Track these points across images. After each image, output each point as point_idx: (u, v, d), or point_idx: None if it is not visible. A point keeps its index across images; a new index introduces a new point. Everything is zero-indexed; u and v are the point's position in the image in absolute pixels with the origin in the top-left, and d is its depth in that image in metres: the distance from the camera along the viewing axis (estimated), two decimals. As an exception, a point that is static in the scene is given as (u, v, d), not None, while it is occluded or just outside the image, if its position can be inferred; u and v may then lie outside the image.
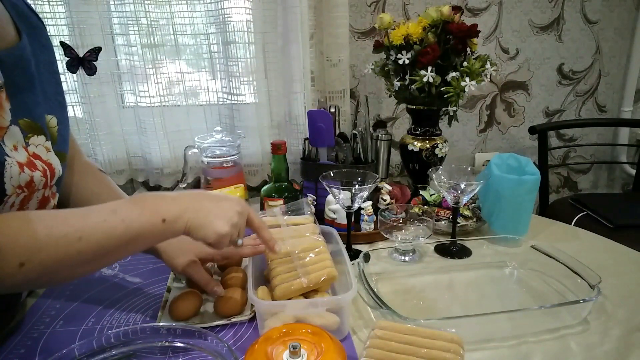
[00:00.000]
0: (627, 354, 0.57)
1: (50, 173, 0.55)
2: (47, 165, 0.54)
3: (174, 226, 0.52)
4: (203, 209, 0.55)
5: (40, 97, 0.56)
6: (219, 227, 0.54)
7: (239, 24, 1.10)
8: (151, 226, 0.51)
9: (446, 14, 0.93)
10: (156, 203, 0.53)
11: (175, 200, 0.54)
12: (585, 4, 1.41)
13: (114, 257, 0.52)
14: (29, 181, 0.51)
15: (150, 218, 0.51)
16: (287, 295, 0.61)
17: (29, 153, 0.52)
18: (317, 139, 1.00)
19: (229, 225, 0.54)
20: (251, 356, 0.49)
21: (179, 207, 0.53)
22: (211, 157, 0.99)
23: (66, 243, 0.46)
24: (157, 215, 0.51)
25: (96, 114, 1.11)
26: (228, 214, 0.55)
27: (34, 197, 0.53)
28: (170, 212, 0.52)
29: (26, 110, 0.53)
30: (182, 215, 0.53)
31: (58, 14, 1.04)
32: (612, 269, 0.78)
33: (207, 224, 0.53)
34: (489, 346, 0.59)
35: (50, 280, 0.51)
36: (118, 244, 0.49)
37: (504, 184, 0.85)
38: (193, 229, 0.53)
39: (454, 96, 0.95)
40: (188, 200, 0.55)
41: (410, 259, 0.84)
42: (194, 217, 0.53)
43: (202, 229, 0.53)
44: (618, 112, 1.57)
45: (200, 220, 0.53)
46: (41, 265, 0.45)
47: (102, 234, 0.48)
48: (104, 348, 0.55)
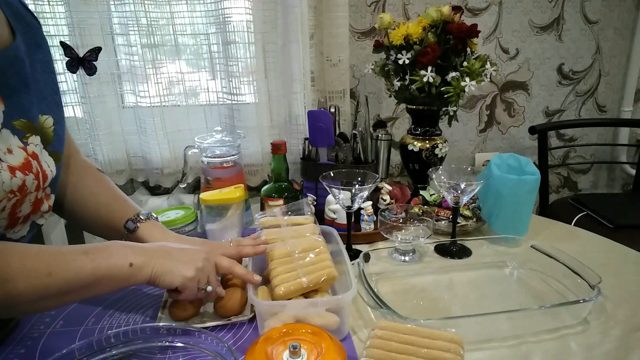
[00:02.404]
0: (627, 354, 0.57)
1: (42, 175, 0.54)
2: (40, 168, 0.54)
3: (140, 272, 0.55)
4: (168, 256, 0.58)
5: (35, 97, 0.56)
6: (184, 272, 0.57)
7: (239, 24, 1.10)
8: (118, 269, 0.54)
9: (446, 14, 0.93)
10: (125, 249, 0.56)
11: (144, 249, 0.58)
12: (585, 4, 1.41)
13: (76, 297, 0.54)
14: (21, 185, 0.50)
15: (118, 261, 0.54)
16: (287, 295, 0.61)
17: (27, 152, 0.52)
18: (317, 139, 1.00)
19: (193, 269, 0.58)
20: (251, 356, 0.49)
21: (146, 254, 0.57)
22: (211, 157, 0.99)
23: (35, 277, 0.48)
24: (125, 259, 0.55)
25: (96, 114, 1.11)
26: (193, 259, 0.59)
27: (27, 200, 0.53)
28: (137, 258, 0.55)
29: (22, 110, 0.52)
30: (148, 262, 0.56)
31: (58, 14, 1.04)
32: (612, 269, 0.78)
33: (173, 269, 0.57)
34: (489, 346, 0.59)
35: (9, 311, 0.53)
36: (84, 283, 0.51)
37: (504, 184, 0.85)
38: (159, 275, 0.56)
39: (454, 96, 0.95)
40: (155, 249, 0.59)
41: (410, 259, 0.84)
42: (160, 264, 0.57)
43: (168, 274, 0.57)
44: (618, 112, 1.57)
45: (165, 267, 0.57)
46: (6, 295, 0.46)
47: (71, 272, 0.50)
48: (104, 348, 0.55)
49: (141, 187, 1.27)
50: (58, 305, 0.56)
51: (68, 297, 0.52)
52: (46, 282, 0.48)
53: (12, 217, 0.52)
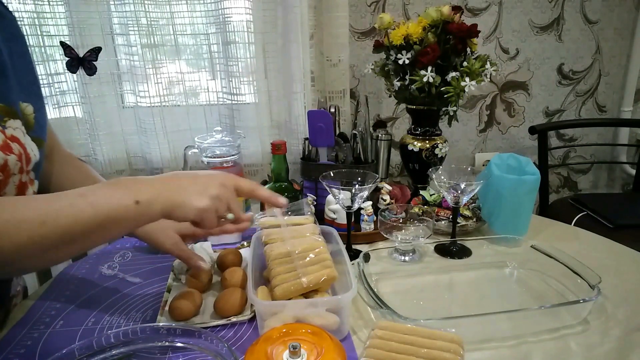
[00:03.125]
0: (627, 354, 0.57)
1: (25, 157, 0.54)
2: (22, 149, 0.54)
3: (149, 209, 0.49)
4: (179, 187, 0.52)
5: (14, 84, 0.56)
6: (197, 202, 0.51)
7: (239, 24, 1.10)
8: (123, 209, 0.48)
9: (446, 14, 0.93)
10: (129, 185, 0.50)
11: (150, 182, 0.52)
12: (585, 4, 1.41)
13: (85, 243, 0.49)
14: (3, 164, 0.50)
15: (122, 200, 0.48)
16: (287, 295, 0.61)
17: (6, 135, 0.52)
18: (317, 139, 1.00)
19: (207, 198, 0.52)
20: (251, 356, 0.49)
21: (154, 188, 0.51)
22: (211, 157, 0.99)
23: (28, 228, 0.44)
24: (129, 197, 0.48)
25: (96, 114, 1.11)
26: (206, 188, 0.53)
27: (11, 182, 0.53)
28: (143, 193, 0.49)
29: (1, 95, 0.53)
30: (157, 197, 0.50)
31: (58, 14, 1.04)
32: (612, 269, 0.78)
33: (185, 201, 0.51)
34: (489, 346, 0.59)
35: (12, 268, 0.49)
36: (86, 229, 0.46)
37: (504, 184, 0.85)
38: (170, 209, 0.51)
39: (454, 96, 0.95)
40: (163, 181, 0.53)
41: (410, 259, 0.84)
42: (170, 197, 0.51)
43: (180, 207, 0.51)
44: (618, 112, 1.57)
45: (176, 199, 0.51)
46: (2, 251, 0.43)
47: (68, 218, 0.45)
48: (104, 348, 0.54)
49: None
50: (68, 255, 0.50)
51: (74, 246, 0.48)
52: (42, 232, 0.44)
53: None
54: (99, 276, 0.79)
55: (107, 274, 0.79)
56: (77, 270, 0.81)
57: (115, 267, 0.82)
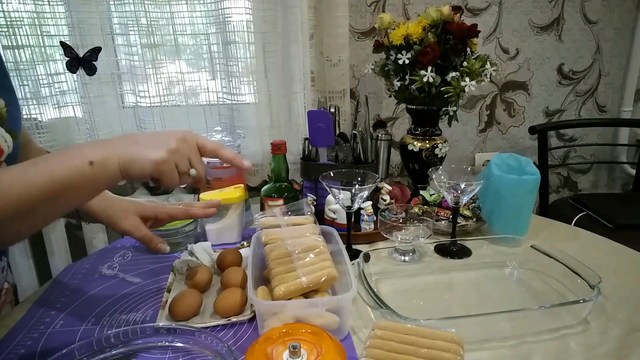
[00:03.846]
0: (627, 354, 0.57)
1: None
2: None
3: (105, 168, 0.47)
4: (135, 143, 0.50)
5: None
6: (153, 155, 0.49)
7: (239, 24, 1.10)
8: (78, 172, 0.46)
9: (446, 14, 0.93)
10: (82, 147, 0.48)
11: (104, 142, 0.50)
12: (585, 4, 1.41)
13: (47, 213, 0.48)
14: None
15: (74, 162, 0.46)
16: (287, 295, 0.60)
17: None
18: (317, 139, 1.00)
19: (164, 151, 0.50)
20: (251, 356, 0.49)
21: (108, 147, 0.49)
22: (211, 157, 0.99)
23: None
24: (83, 158, 0.47)
25: (96, 114, 1.11)
26: (164, 141, 0.51)
27: None
28: (97, 153, 0.47)
29: None
30: (111, 155, 0.48)
31: (58, 14, 1.04)
32: (612, 269, 0.78)
33: (139, 154, 0.49)
34: (489, 346, 0.59)
35: None
36: (43, 197, 0.45)
37: (504, 184, 0.85)
38: (127, 165, 0.48)
39: (454, 96, 0.95)
40: (117, 139, 0.51)
41: (410, 259, 0.84)
42: (125, 152, 0.49)
43: (137, 161, 0.49)
44: (618, 112, 1.57)
45: (132, 154, 0.49)
46: None
47: (21, 188, 0.44)
48: (104, 348, 0.54)
49: (141, 187, 1.27)
50: (32, 228, 0.49)
51: (36, 217, 0.46)
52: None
53: None
54: (99, 276, 0.79)
55: (107, 274, 0.79)
56: (77, 270, 0.81)
57: (115, 267, 0.82)
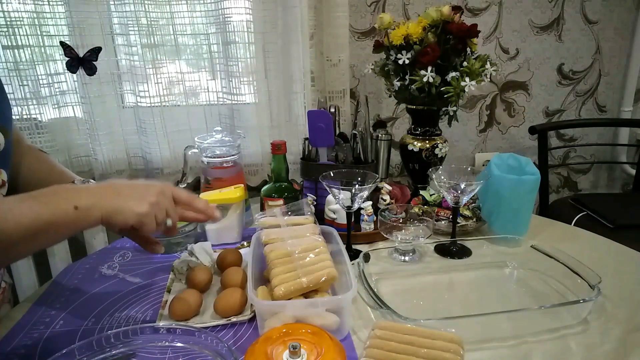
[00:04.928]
0: (627, 354, 0.57)
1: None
2: None
3: (88, 214, 0.51)
4: (118, 194, 0.54)
5: None
6: (136, 208, 0.53)
7: (239, 24, 1.10)
8: (62, 214, 0.49)
9: (446, 14, 0.93)
10: (68, 192, 0.52)
11: (89, 190, 0.53)
12: (585, 4, 1.41)
13: (26, 248, 0.50)
14: None
15: (61, 205, 0.49)
16: (287, 295, 0.60)
17: None
18: (317, 139, 1.00)
19: (147, 204, 0.54)
20: (251, 356, 0.49)
21: (93, 195, 0.52)
22: (211, 157, 0.99)
23: None
24: (68, 203, 0.50)
25: (96, 114, 1.11)
26: (145, 194, 0.55)
27: None
28: (83, 200, 0.51)
29: None
30: (96, 203, 0.51)
31: (58, 14, 1.04)
32: (612, 269, 0.78)
33: (124, 206, 0.52)
34: (489, 346, 0.59)
35: None
36: (28, 233, 0.47)
37: (504, 184, 0.85)
38: (110, 214, 0.52)
39: (454, 96, 0.95)
40: (102, 188, 0.55)
41: (410, 259, 0.84)
42: (110, 203, 0.52)
43: (120, 213, 0.52)
44: (618, 112, 1.57)
45: (115, 205, 0.52)
46: None
47: (9, 223, 0.46)
48: (104, 348, 0.54)
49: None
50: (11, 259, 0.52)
51: (17, 249, 0.49)
52: None
53: None
54: (99, 276, 0.79)
55: (107, 274, 0.79)
56: (77, 270, 0.81)
57: (115, 267, 0.82)
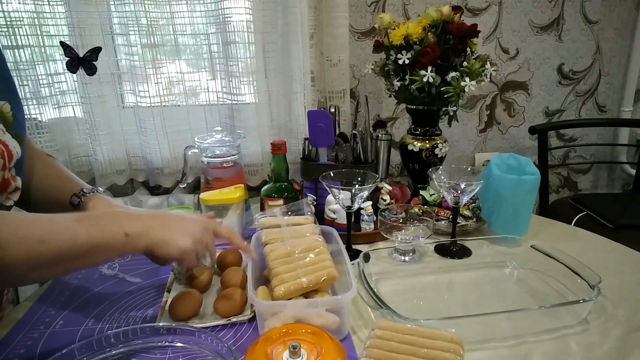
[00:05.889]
0: (627, 354, 0.57)
1: (7, 155, 0.55)
2: (4, 147, 0.55)
3: (136, 241, 0.54)
4: (166, 226, 0.57)
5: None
6: (181, 243, 0.56)
7: (239, 24, 1.10)
8: (113, 238, 0.53)
9: (446, 14, 0.93)
10: (121, 218, 0.55)
11: (140, 218, 0.57)
12: (585, 4, 1.41)
13: (73, 265, 0.53)
14: None
15: (113, 230, 0.53)
16: (287, 295, 0.61)
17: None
18: (317, 139, 1.00)
19: (191, 240, 0.57)
20: (251, 356, 0.49)
21: (143, 224, 0.56)
22: (211, 157, 0.99)
23: (28, 244, 0.47)
24: (120, 228, 0.53)
25: (96, 114, 1.11)
26: (191, 230, 0.58)
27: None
28: (133, 227, 0.54)
29: None
30: (145, 232, 0.55)
31: (58, 14, 1.04)
32: (612, 269, 0.78)
33: (170, 240, 0.56)
34: (489, 346, 0.59)
35: (8, 281, 0.52)
36: (79, 251, 0.50)
37: (504, 184, 0.85)
38: (156, 245, 0.55)
39: (454, 96, 0.95)
40: (152, 218, 0.58)
41: (410, 259, 0.84)
42: (157, 234, 0.56)
43: (165, 245, 0.56)
44: (618, 112, 1.57)
45: (163, 237, 0.56)
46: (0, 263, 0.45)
47: (65, 241, 0.49)
48: (104, 348, 0.55)
49: (141, 187, 1.27)
50: (52, 275, 0.55)
51: (62, 266, 0.51)
52: (39, 250, 0.47)
53: None
54: (99, 276, 0.79)
55: (107, 274, 0.79)
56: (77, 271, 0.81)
57: (115, 267, 0.82)
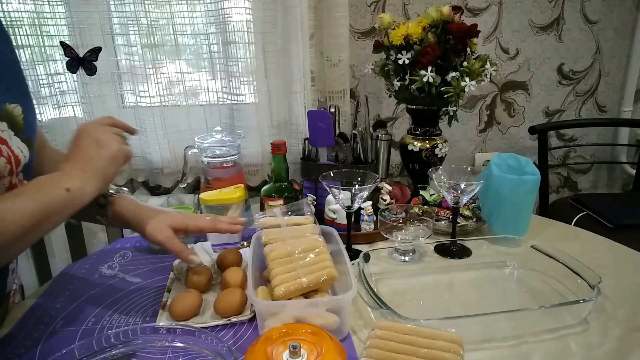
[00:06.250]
0: (627, 354, 0.57)
1: (15, 160, 0.55)
2: (11, 152, 0.55)
3: (82, 192, 0.54)
4: (94, 160, 0.56)
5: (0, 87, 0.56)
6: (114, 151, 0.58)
7: (239, 24, 1.10)
8: (59, 197, 0.52)
9: (446, 14, 0.93)
10: (59, 177, 0.54)
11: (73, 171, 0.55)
12: (585, 4, 1.41)
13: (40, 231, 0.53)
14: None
15: (54, 191, 0.52)
16: (287, 295, 0.60)
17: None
18: (317, 139, 1.00)
19: (113, 146, 0.58)
20: (251, 356, 0.49)
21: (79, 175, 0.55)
22: (211, 157, 0.99)
23: None
24: (60, 187, 0.53)
25: (96, 114, 1.11)
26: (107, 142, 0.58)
27: (1, 185, 0.54)
28: (72, 182, 0.54)
29: None
30: (83, 183, 0.54)
31: (58, 14, 1.04)
32: (612, 269, 0.78)
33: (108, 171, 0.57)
34: (489, 346, 0.59)
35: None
36: (33, 221, 0.50)
37: (504, 184, 0.85)
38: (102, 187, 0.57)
39: (454, 96, 0.95)
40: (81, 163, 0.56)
41: (410, 259, 0.84)
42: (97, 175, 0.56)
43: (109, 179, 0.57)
44: (618, 112, 1.57)
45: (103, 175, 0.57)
46: None
47: (15, 215, 0.49)
48: (104, 348, 0.55)
49: (141, 187, 1.27)
50: (22, 249, 0.55)
51: (28, 237, 0.52)
52: None
53: None
54: (99, 276, 0.79)
55: (107, 274, 0.79)
56: (77, 270, 0.81)
57: (115, 267, 0.82)
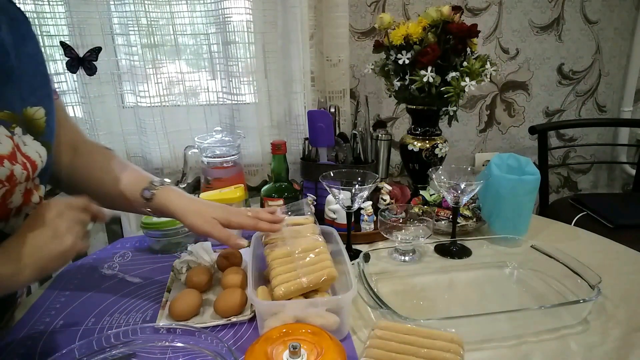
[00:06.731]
0: (627, 354, 0.57)
1: (31, 165, 0.55)
2: (26, 158, 0.54)
3: (14, 279, 0.49)
4: (38, 249, 0.50)
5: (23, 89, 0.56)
6: (58, 247, 0.51)
7: (239, 24, 1.10)
8: None
9: (446, 14, 0.93)
10: None
11: (9, 256, 0.49)
12: (585, 4, 1.41)
13: None
14: (9, 175, 0.50)
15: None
16: (287, 295, 0.60)
17: (14, 143, 0.52)
18: (317, 139, 1.00)
19: (67, 239, 0.52)
20: (251, 356, 0.49)
21: (13, 263, 0.49)
22: (211, 157, 0.99)
23: None
24: None
25: (96, 114, 1.11)
26: (60, 230, 0.52)
27: (17, 191, 0.53)
28: (3, 268, 0.48)
29: (6, 102, 0.53)
30: (16, 271, 0.49)
31: (58, 14, 1.04)
32: (612, 269, 0.78)
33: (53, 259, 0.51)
34: (489, 346, 0.59)
35: None
36: None
37: (504, 184, 0.85)
38: (42, 273, 0.51)
39: (454, 96, 0.95)
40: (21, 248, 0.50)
41: (410, 259, 0.84)
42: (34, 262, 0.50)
43: (56, 263, 0.51)
44: (618, 112, 1.57)
45: (44, 265, 0.50)
46: None
47: None
48: (104, 348, 0.55)
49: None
50: None
51: None
52: None
53: (3, 208, 0.52)
54: (99, 276, 0.79)
55: (107, 274, 0.79)
56: (77, 270, 0.81)
57: (115, 267, 0.82)
